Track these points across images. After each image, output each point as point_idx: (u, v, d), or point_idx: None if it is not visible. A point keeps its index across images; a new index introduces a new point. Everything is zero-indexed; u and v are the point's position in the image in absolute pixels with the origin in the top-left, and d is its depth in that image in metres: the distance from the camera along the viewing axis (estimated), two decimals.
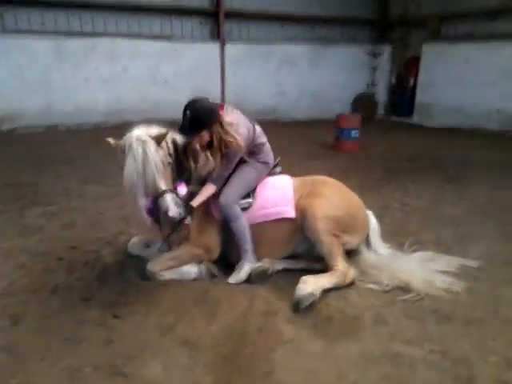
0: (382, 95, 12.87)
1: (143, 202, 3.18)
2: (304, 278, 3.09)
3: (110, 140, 3.01)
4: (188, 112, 3.04)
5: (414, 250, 3.75)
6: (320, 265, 3.45)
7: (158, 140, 2.98)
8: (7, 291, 3.18)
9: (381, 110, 12.72)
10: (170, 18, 10.83)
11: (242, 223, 3.33)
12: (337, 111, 12.05)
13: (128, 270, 3.49)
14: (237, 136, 3.22)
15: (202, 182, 3.33)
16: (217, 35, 11.21)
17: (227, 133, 3.20)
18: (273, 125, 11.51)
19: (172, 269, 3.33)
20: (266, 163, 3.54)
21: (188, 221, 3.16)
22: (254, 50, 11.43)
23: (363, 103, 12.58)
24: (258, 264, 3.37)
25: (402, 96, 11.96)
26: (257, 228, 3.37)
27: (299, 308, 2.89)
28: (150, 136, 2.97)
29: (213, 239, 3.40)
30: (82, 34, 10.21)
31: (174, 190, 3.05)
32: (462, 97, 9.98)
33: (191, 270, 3.35)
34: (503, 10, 9.63)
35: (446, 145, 8.75)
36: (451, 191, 5.55)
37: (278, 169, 3.74)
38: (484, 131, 9.46)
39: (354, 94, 12.77)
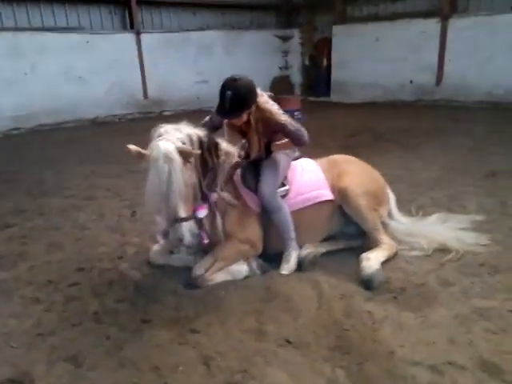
0: (296, 77, 13.31)
1: (160, 221, 2.88)
2: (364, 255, 3.12)
3: (132, 147, 2.68)
4: (229, 92, 2.81)
5: (424, 215, 3.99)
6: (357, 242, 3.52)
7: (187, 157, 2.69)
8: (42, 331, 2.66)
9: (297, 91, 13.15)
10: (76, 7, 9.76)
11: (286, 212, 3.22)
12: None
13: (167, 281, 3.15)
14: (277, 112, 3.08)
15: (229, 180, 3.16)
16: (130, 25, 10.43)
17: (268, 111, 3.03)
18: (202, 114, 11.19)
19: (221, 270, 3.10)
20: (294, 149, 3.45)
21: (206, 241, 2.99)
22: (170, 39, 10.91)
23: (280, 86, 12.88)
24: (307, 250, 3.30)
25: (317, 76, 12.51)
26: (295, 214, 3.29)
27: (372, 285, 2.91)
28: (180, 150, 2.64)
29: (256, 233, 3.24)
30: None
31: (194, 214, 2.85)
32: (376, 73, 10.79)
33: (241, 268, 3.16)
34: None
35: (375, 118, 9.41)
36: (414, 158, 6.01)
37: (297, 152, 3.68)
38: (400, 102, 10.39)
39: (271, 77, 13.00)
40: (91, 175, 6.25)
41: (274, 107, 3.09)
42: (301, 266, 3.22)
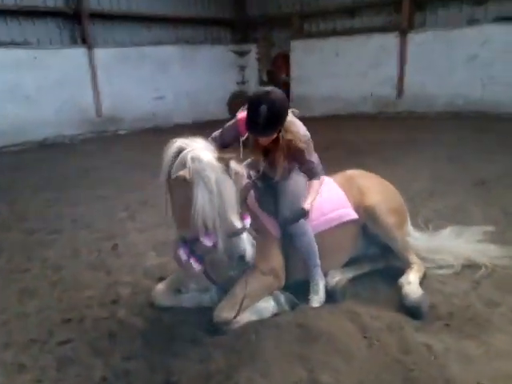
0: None
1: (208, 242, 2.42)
2: (403, 280, 2.85)
3: (184, 174, 2.22)
4: (264, 106, 2.43)
5: (435, 228, 3.81)
6: (381, 263, 3.25)
7: (226, 163, 2.34)
8: None
9: None
10: (18, 20, 8.90)
11: (310, 236, 2.88)
12: (214, 112, 11.87)
13: (181, 327, 2.67)
14: (300, 134, 2.75)
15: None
16: (81, 39, 9.70)
17: (292, 131, 2.70)
18: (158, 131, 10.66)
19: (245, 310, 2.67)
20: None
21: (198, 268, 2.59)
22: (125, 55, 10.25)
23: (238, 102, 12.61)
24: (336, 278, 2.97)
25: None
26: (318, 238, 2.94)
27: (421, 313, 2.62)
28: (219, 157, 2.32)
29: (278, 262, 2.85)
30: None
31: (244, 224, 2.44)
32: (337, 86, 10.84)
33: (268, 304, 2.75)
34: (359, 7, 10.80)
35: (341, 131, 9.33)
36: (399, 170, 5.89)
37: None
38: (362, 114, 10.47)
39: (227, 93, 12.71)
40: (52, 204, 5.52)
41: (299, 129, 2.76)
42: (331, 296, 2.87)
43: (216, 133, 2.93)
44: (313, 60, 11.20)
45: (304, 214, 2.75)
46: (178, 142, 2.40)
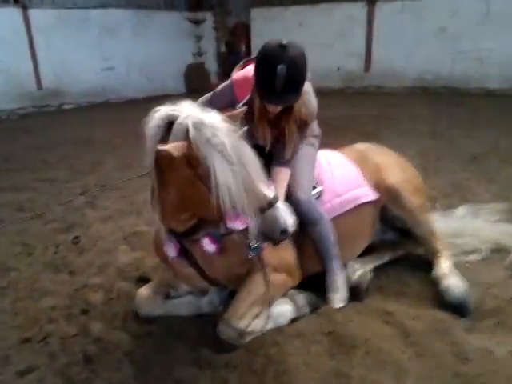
0: (212, 65, 12.28)
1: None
2: (439, 271, 2.45)
3: (169, 149, 1.63)
4: (282, 66, 1.87)
5: (444, 208, 3.47)
6: (400, 251, 2.84)
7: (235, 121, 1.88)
8: None
9: (214, 80, 12.15)
10: None
11: (327, 222, 2.39)
12: (170, 86, 10.96)
13: (178, 345, 2.11)
14: (311, 104, 2.23)
15: None
16: None
17: (303, 98, 2.17)
18: (110, 107, 9.63)
19: (258, 316, 2.15)
20: (318, 136, 2.62)
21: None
22: (66, 17, 8.99)
23: (195, 74, 11.77)
24: (358, 271, 2.51)
25: (235, 64, 11.62)
26: (332, 223, 2.45)
27: (468, 310, 2.23)
28: (228, 115, 1.83)
29: (291, 254, 2.34)
30: None
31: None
32: None
33: (285, 309, 2.25)
34: None
35: None
36: (387, 145, 5.50)
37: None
38: (328, 89, 10.01)
39: (184, 65, 11.80)
40: None
41: (311, 96, 2.23)
42: (355, 293, 2.41)
43: (203, 98, 2.35)
44: (274, 30, 10.51)
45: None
46: (164, 110, 1.79)
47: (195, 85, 11.13)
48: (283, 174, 2.23)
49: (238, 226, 1.81)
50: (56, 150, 6.28)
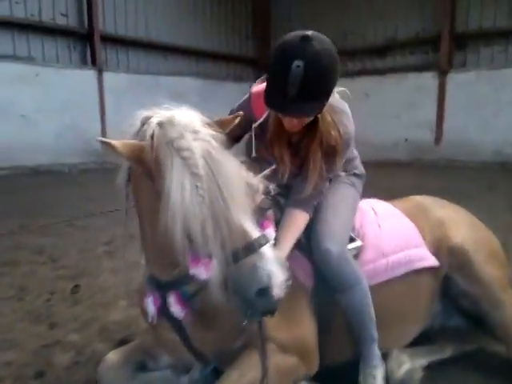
0: None
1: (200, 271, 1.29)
2: None
3: (112, 141, 1.30)
4: (298, 63, 1.40)
5: None
6: (470, 344, 2.04)
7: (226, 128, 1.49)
8: None
9: None
10: (27, 35, 8.32)
11: (365, 289, 1.73)
12: None
13: None
14: (346, 126, 1.73)
15: None
16: (91, 61, 9.07)
17: (334, 118, 1.66)
18: None
19: None
20: (361, 177, 2.06)
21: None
22: (138, 81, 9.47)
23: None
24: (404, 365, 1.77)
25: None
26: (374, 293, 1.77)
27: None
28: (216, 121, 1.48)
29: (309, 330, 1.68)
30: None
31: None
32: (367, 130, 9.75)
33: None
34: (390, 46, 10.11)
35: (370, 175, 8.24)
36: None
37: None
38: (396, 161, 9.33)
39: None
40: (18, 231, 4.47)
41: (346, 119, 1.74)
42: None
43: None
44: None
45: None
46: (146, 112, 1.40)
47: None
48: (297, 218, 1.68)
49: (201, 273, 1.25)
50: (103, 201, 6.18)
